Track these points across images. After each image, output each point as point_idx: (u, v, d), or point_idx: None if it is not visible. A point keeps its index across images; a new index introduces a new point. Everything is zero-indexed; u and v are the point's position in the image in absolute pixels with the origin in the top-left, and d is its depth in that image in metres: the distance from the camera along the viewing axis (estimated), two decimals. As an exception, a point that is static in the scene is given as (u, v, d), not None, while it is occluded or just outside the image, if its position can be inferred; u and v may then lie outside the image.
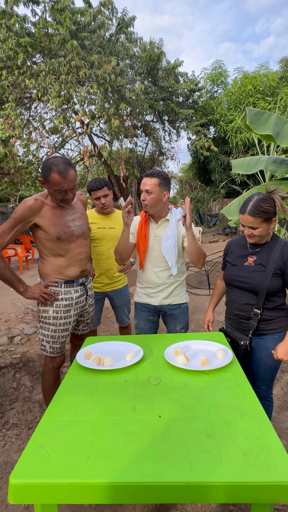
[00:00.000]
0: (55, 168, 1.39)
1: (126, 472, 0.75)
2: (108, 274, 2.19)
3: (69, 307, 1.60)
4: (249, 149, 10.50)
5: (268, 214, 1.31)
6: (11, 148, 6.47)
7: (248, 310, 1.43)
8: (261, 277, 1.37)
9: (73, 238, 1.56)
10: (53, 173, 1.40)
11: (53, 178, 1.40)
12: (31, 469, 0.77)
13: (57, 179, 1.40)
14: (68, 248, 1.55)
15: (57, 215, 1.52)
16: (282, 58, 11.29)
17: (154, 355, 1.34)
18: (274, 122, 2.83)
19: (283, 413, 1.94)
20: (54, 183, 1.41)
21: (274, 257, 1.36)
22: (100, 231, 2.12)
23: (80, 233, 1.60)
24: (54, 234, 1.49)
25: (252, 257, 1.43)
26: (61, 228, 1.51)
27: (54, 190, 1.44)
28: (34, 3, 6.58)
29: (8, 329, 3.31)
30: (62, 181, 1.41)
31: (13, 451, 1.67)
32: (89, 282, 1.77)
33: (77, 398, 1.05)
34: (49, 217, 1.49)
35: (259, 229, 1.34)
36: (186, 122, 9.62)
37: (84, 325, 1.80)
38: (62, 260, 1.56)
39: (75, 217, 1.59)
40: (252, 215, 1.31)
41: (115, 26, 7.31)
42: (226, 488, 0.73)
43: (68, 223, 1.55)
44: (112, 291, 2.24)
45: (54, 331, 1.59)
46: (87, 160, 7.84)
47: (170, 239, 1.61)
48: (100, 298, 2.25)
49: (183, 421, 0.92)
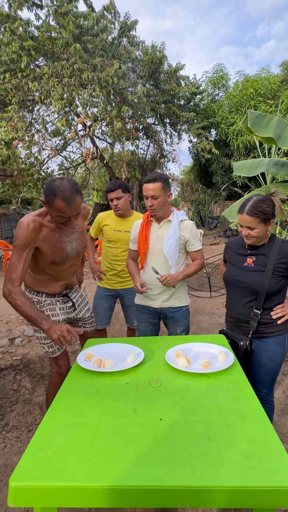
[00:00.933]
0: (60, 194, 1.28)
1: (127, 475, 0.74)
2: (121, 274, 2.21)
3: (53, 305, 1.60)
4: (250, 151, 10.51)
5: (266, 215, 1.32)
6: (14, 150, 6.50)
7: (248, 311, 1.43)
8: (261, 278, 1.37)
9: (66, 260, 1.53)
10: (58, 200, 1.28)
11: (56, 204, 1.29)
12: (31, 472, 0.76)
13: (61, 206, 1.30)
14: (58, 269, 1.54)
15: (55, 238, 1.45)
16: (283, 61, 11.33)
17: (155, 357, 1.33)
18: (275, 124, 2.84)
19: (284, 416, 1.93)
20: (57, 209, 1.31)
21: (273, 256, 1.36)
22: (116, 234, 2.15)
23: (75, 254, 1.56)
24: (50, 258, 1.46)
25: (251, 257, 1.43)
26: (57, 252, 1.47)
27: (56, 215, 1.34)
28: (37, 7, 6.65)
29: (9, 331, 3.31)
30: (67, 208, 1.31)
31: (13, 453, 1.66)
32: (75, 291, 1.74)
33: (77, 400, 1.05)
34: (48, 240, 1.43)
35: (257, 230, 1.34)
36: (187, 124, 9.66)
37: (84, 323, 1.79)
38: (47, 277, 1.56)
39: (73, 237, 1.53)
40: (250, 215, 1.32)
41: (118, 30, 7.37)
42: (228, 492, 0.72)
43: (65, 245, 1.49)
44: (123, 290, 2.25)
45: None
46: (89, 162, 7.87)
47: (171, 239, 1.62)
48: (111, 294, 2.27)
49: (184, 424, 0.91)
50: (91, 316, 1.84)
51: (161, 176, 1.58)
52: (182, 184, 19.01)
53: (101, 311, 2.27)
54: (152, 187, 1.55)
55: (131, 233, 1.79)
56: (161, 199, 1.58)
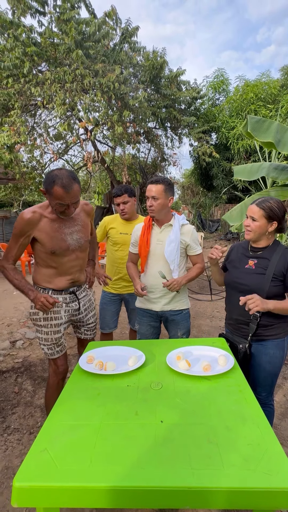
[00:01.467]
0: (58, 182, 1.35)
1: (128, 476, 0.76)
2: (126, 277, 2.22)
3: (58, 307, 1.61)
4: (250, 155, 10.57)
5: (271, 211, 1.36)
6: (16, 154, 6.57)
7: (247, 314, 1.43)
8: (261, 281, 1.38)
9: (67, 252, 1.55)
10: (56, 187, 1.36)
11: (55, 192, 1.36)
12: (34, 473, 0.78)
13: (60, 193, 1.36)
14: (61, 261, 1.56)
15: (54, 228, 1.50)
16: (283, 66, 11.43)
17: (156, 360, 1.35)
18: (275, 129, 2.87)
19: (285, 420, 1.93)
20: (57, 196, 1.38)
21: (274, 261, 1.38)
22: (121, 237, 2.17)
23: (77, 246, 1.58)
24: (49, 248, 1.50)
25: (253, 260, 1.45)
26: (57, 242, 1.51)
27: (56, 203, 1.41)
28: (40, 14, 6.76)
29: (10, 333, 3.32)
30: (65, 195, 1.37)
31: (14, 456, 1.67)
32: (84, 291, 1.75)
33: (79, 403, 1.06)
34: (46, 230, 1.48)
35: (257, 223, 1.38)
36: (188, 129, 9.73)
37: (86, 329, 1.80)
38: (52, 271, 1.58)
39: (74, 229, 1.57)
40: (257, 205, 1.38)
41: (119, 36, 7.48)
42: (228, 493, 0.73)
43: (65, 236, 1.53)
44: (128, 294, 2.26)
45: (47, 333, 1.60)
46: (90, 166, 7.94)
47: (173, 243, 1.64)
48: (117, 299, 2.29)
49: (184, 427, 0.93)
50: (94, 322, 1.84)
51: (165, 180, 1.63)
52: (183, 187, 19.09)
53: (108, 316, 2.29)
54: (154, 188, 1.60)
55: (132, 236, 1.82)
56: (161, 201, 1.61)
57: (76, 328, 1.80)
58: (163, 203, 1.62)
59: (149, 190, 1.62)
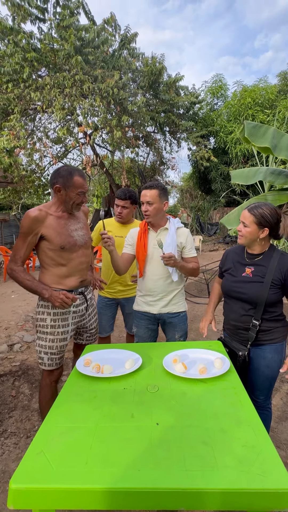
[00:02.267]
0: (76, 172, 1.52)
1: (123, 478, 0.76)
2: (122, 281, 2.23)
3: (66, 314, 1.62)
4: (248, 159, 10.67)
5: (263, 218, 1.35)
6: (16, 158, 6.61)
7: (246, 321, 1.44)
8: (259, 289, 1.37)
9: (75, 247, 1.59)
10: (76, 176, 1.51)
11: (76, 181, 1.51)
12: (30, 475, 0.79)
13: (81, 181, 1.52)
14: (70, 257, 1.58)
15: (61, 224, 1.56)
16: (281, 72, 11.62)
17: (153, 363, 1.35)
18: (271, 135, 2.91)
19: (282, 423, 1.93)
20: (78, 185, 1.52)
21: (272, 268, 1.38)
22: (117, 240, 2.17)
23: (83, 243, 1.63)
24: (58, 244, 1.53)
25: (249, 267, 1.44)
26: (65, 237, 1.55)
27: (77, 193, 1.53)
28: (40, 21, 6.85)
29: (8, 337, 3.32)
30: (84, 182, 1.54)
31: (11, 460, 1.66)
32: (90, 292, 1.78)
33: (76, 405, 1.07)
34: (53, 226, 1.53)
35: (248, 229, 1.38)
36: (186, 133, 9.83)
37: (88, 335, 1.81)
38: (63, 270, 1.58)
39: (78, 227, 1.63)
40: (249, 211, 1.38)
41: (118, 42, 7.57)
42: (222, 495, 0.74)
43: (72, 232, 1.58)
44: (124, 299, 2.27)
45: (52, 341, 1.59)
46: (89, 170, 7.98)
47: (170, 247, 1.66)
48: (112, 304, 2.29)
49: (180, 429, 0.93)
50: (96, 327, 1.85)
51: (159, 185, 1.65)
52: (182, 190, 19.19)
53: (105, 320, 2.29)
54: (149, 194, 1.62)
55: (126, 239, 1.82)
56: (156, 206, 1.63)
57: (78, 334, 1.80)
58: (158, 208, 1.64)
59: (143, 196, 1.64)
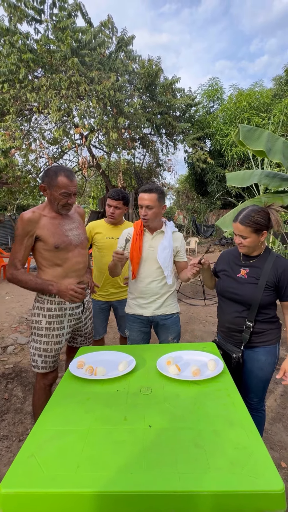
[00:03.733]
0: (61, 173, 1.49)
1: (115, 481, 0.76)
2: (114, 283, 2.21)
3: (62, 317, 1.60)
4: (244, 162, 10.75)
5: (258, 225, 1.34)
6: (11, 159, 6.57)
7: (240, 322, 1.44)
8: (254, 290, 1.38)
9: (71, 247, 1.58)
10: (61, 177, 1.48)
11: (61, 181, 1.48)
12: (20, 479, 0.77)
13: (65, 182, 1.48)
14: (65, 257, 1.57)
15: (55, 224, 1.55)
16: (276, 76, 11.75)
17: (147, 365, 1.35)
18: (266, 138, 2.94)
19: (275, 425, 1.94)
20: (62, 185, 1.48)
21: (266, 270, 1.38)
22: (108, 241, 2.15)
23: (78, 242, 1.62)
24: (52, 243, 1.52)
25: (245, 269, 1.44)
26: (59, 237, 1.54)
27: (60, 193, 1.49)
28: (37, 22, 6.84)
29: (2, 339, 3.28)
30: (69, 183, 1.49)
31: (3, 464, 1.64)
32: (87, 295, 1.76)
33: (68, 408, 1.06)
34: (48, 227, 1.52)
35: (249, 239, 1.37)
36: (183, 135, 9.88)
37: (83, 338, 1.79)
38: (59, 270, 1.57)
39: (73, 226, 1.62)
40: (242, 224, 1.35)
41: (115, 44, 7.60)
42: (213, 497, 0.74)
43: (66, 232, 1.57)
44: (117, 301, 2.26)
45: (47, 344, 1.58)
46: (85, 171, 7.97)
47: (166, 250, 1.66)
48: (105, 307, 2.28)
49: (172, 431, 0.93)
50: (91, 331, 1.84)
51: (158, 188, 1.63)
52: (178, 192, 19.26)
53: (97, 323, 2.28)
54: (148, 197, 1.59)
55: (119, 241, 1.80)
56: (155, 210, 1.62)
57: (72, 337, 1.78)
58: (157, 212, 1.63)
59: (142, 199, 1.61)
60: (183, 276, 1.75)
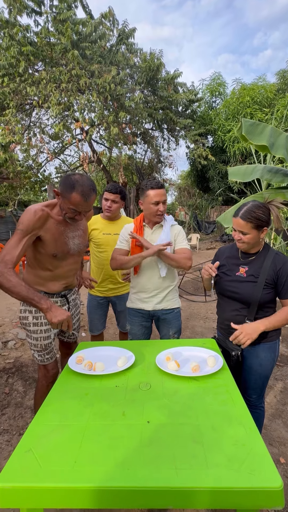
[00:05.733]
0: (79, 189, 1.31)
1: (112, 476, 0.76)
2: (112, 279, 2.20)
3: None
4: (246, 158, 10.66)
5: (259, 221, 1.31)
6: (11, 153, 6.53)
7: (239, 320, 1.42)
8: (253, 289, 1.36)
9: (67, 256, 1.53)
10: (75, 193, 1.31)
11: (73, 198, 1.32)
12: (18, 473, 0.77)
13: (77, 200, 1.33)
14: (59, 265, 1.53)
15: (60, 231, 1.47)
16: (279, 70, 11.59)
17: (146, 360, 1.35)
18: (269, 133, 2.90)
19: (275, 421, 1.94)
20: (73, 203, 1.34)
21: (266, 267, 1.36)
22: (105, 237, 2.13)
23: (76, 251, 1.57)
24: (51, 251, 1.46)
25: (244, 267, 1.42)
26: (60, 245, 1.48)
27: (69, 208, 1.36)
28: (36, 14, 6.74)
29: (2, 334, 3.29)
30: (82, 204, 1.34)
31: (3, 457, 1.65)
32: (73, 293, 1.74)
33: (67, 403, 1.06)
34: (52, 232, 1.43)
35: (249, 236, 1.34)
36: (184, 131, 9.78)
37: (70, 334, 1.78)
38: (48, 273, 1.54)
39: (76, 234, 1.54)
40: (243, 219, 1.32)
41: (116, 37, 7.48)
42: (211, 493, 0.73)
43: (68, 240, 1.50)
44: (115, 297, 2.25)
45: (37, 339, 1.56)
46: (86, 167, 7.92)
47: (164, 243, 1.65)
48: (104, 302, 2.27)
49: (171, 427, 0.93)
50: (78, 327, 1.82)
51: (163, 183, 1.65)
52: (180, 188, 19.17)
53: (96, 319, 2.28)
54: (163, 192, 1.63)
55: (120, 235, 1.79)
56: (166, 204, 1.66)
57: (60, 332, 1.77)
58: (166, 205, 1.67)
59: (159, 195, 1.60)
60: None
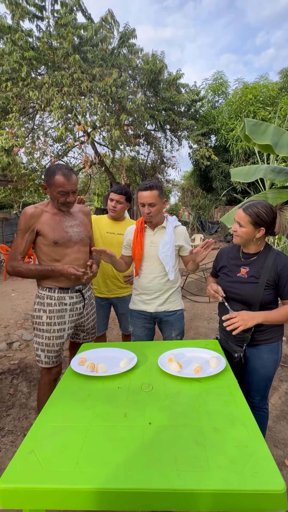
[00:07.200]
0: (59, 172, 1.51)
1: (113, 478, 0.76)
2: (114, 280, 2.20)
3: (63, 312, 1.61)
4: (249, 157, 10.60)
5: (258, 218, 1.31)
6: (14, 157, 6.59)
7: None
8: (254, 290, 1.35)
9: (70, 243, 1.60)
10: (58, 176, 1.50)
11: (57, 180, 1.50)
12: (20, 474, 0.78)
13: (61, 181, 1.50)
14: (64, 253, 1.59)
15: (56, 220, 1.58)
16: (282, 69, 11.48)
17: (148, 362, 1.34)
18: (272, 132, 2.88)
19: (280, 423, 1.92)
20: (59, 184, 1.50)
21: (267, 268, 1.35)
22: (108, 236, 2.15)
23: (78, 239, 1.63)
24: (51, 239, 1.54)
25: (245, 267, 1.41)
26: (58, 232, 1.56)
27: (58, 192, 1.52)
28: (38, 19, 6.81)
29: (7, 335, 3.32)
30: (66, 182, 1.51)
31: (8, 458, 1.66)
32: (88, 290, 1.77)
33: (69, 404, 1.06)
34: (48, 222, 1.56)
35: (244, 229, 1.34)
36: (187, 131, 9.76)
37: (85, 334, 1.80)
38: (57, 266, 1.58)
39: (74, 223, 1.64)
40: (244, 211, 1.33)
41: (117, 39, 7.51)
42: (213, 496, 0.73)
43: (66, 228, 1.60)
44: (116, 298, 2.25)
45: (48, 338, 1.59)
46: (88, 169, 7.96)
47: (167, 245, 1.65)
48: (105, 303, 2.28)
49: (173, 428, 0.92)
50: (93, 326, 1.84)
51: (157, 184, 1.61)
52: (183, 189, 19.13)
53: (98, 320, 2.27)
54: (150, 195, 1.58)
55: (124, 239, 1.81)
56: (158, 207, 1.61)
57: (74, 333, 1.79)
58: (159, 208, 1.63)
59: (143, 197, 1.58)
60: (189, 267, 1.75)
